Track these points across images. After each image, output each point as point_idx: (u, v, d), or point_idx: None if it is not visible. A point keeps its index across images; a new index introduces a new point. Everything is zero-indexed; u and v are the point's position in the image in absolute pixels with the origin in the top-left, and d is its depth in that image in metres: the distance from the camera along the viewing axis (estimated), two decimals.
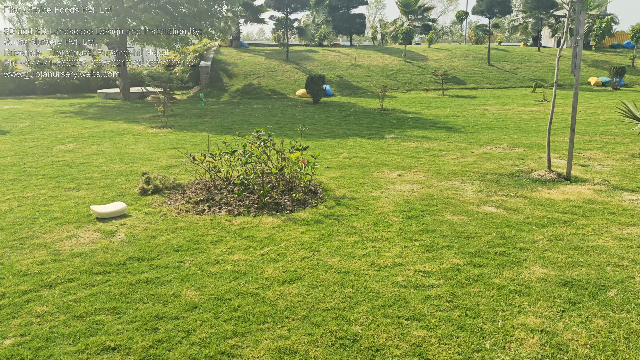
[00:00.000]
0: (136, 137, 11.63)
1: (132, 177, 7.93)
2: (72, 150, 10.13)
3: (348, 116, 15.51)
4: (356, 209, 6.37)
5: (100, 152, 9.87)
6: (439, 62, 28.04)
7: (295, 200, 6.67)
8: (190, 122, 14.29)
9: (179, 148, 10.32)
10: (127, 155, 9.56)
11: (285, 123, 14.09)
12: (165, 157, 9.47)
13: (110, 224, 5.82)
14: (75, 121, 14.41)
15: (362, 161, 9.13)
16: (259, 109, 17.66)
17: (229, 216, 6.10)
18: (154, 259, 4.83)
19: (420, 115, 15.71)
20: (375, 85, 24.22)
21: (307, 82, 18.73)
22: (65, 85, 23.57)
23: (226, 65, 24.99)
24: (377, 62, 27.32)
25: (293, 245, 5.16)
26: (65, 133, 12.25)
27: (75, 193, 7.06)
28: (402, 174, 8.22)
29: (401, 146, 10.57)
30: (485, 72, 27.02)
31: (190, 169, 8.15)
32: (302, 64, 25.96)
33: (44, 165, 8.71)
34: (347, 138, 11.60)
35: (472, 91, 23.77)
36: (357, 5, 32.39)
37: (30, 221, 5.87)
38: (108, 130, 12.60)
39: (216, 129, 12.93)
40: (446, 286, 4.25)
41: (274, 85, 23.18)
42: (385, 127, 13.34)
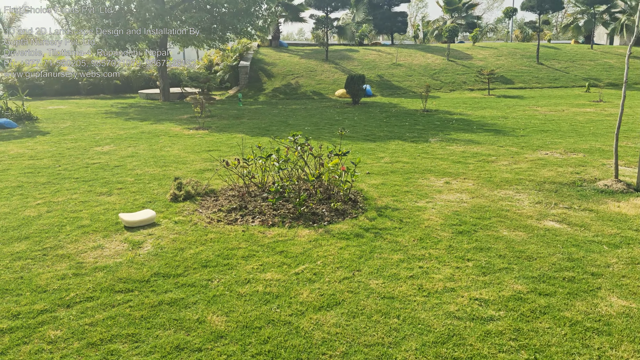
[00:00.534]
0: (172, 139, 11.42)
1: (164, 181, 7.63)
2: (108, 152, 9.97)
3: (389, 117, 14.91)
4: (400, 221, 5.83)
5: (136, 155, 9.67)
6: (485, 60, 26.98)
7: (333, 210, 6.18)
8: (227, 123, 14.03)
9: (214, 151, 10.02)
10: (162, 158, 9.31)
11: (324, 125, 13.63)
12: (200, 160, 9.17)
13: (138, 233, 5.49)
14: (114, 122, 14.39)
15: (405, 167, 8.55)
16: (297, 110, 17.27)
17: (262, 227, 5.67)
18: (180, 275, 4.44)
19: (465, 116, 14.94)
20: (417, 85, 23.46)
21: (347, 82, 18.22)
22: (108, 85, 23.89)
23: (265, 65, 24.76)
24: (419, 61, 26.52)
25: (331, 263, 4.68)
26: (104, 134, 12.18)
27: (106, 198, 6.80)
28: (449, 181, 7.61)
29: (447, 150, 9.93)
30: (534, 71, 25.80)
31: (224, 174, 7.78)
32: (341, 63, 25.46)
33: (78, 168, 8.55)
34: (389, 141, 11.03)
35: (520, 91, 22.68)
36: (399, 3, 31.62)
37: (57, 229, 5.61)
38: (145, 132, 12.46)
39: (252, 131, 12.60)
40: (508, 319, 3.67)
41: (312, 86, 22.77)
42: (429, 129, 12.68)
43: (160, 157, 9.46)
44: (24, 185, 7.45)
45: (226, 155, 9.56)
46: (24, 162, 9.00)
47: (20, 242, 5.22)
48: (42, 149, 10.29)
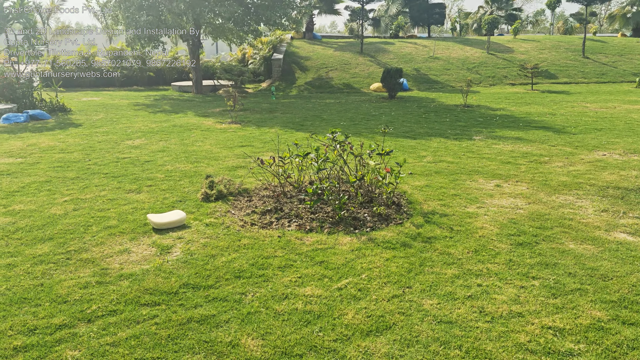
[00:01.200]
0: (204, 133, 11.09)
1: (195, 179, 7.27)
2: (139, 146, 9.70)
3: (428, 113, 14.26)
4: (450, 229, 5.29)
5: (167, 149, 9.36)
6: (527, 54, 25.86)
7: (376, 214, 5.68)
8: (260, 117, 13.64)
9: (247, 146, 9.63)
10: (193, 153, 8.97)
11: (360, 120, 13.09)
12: (233, 156, 8.79)
13: (167, 236, 5.12)
14: (146, 115, 14.19)
15: (450, 167, 7.97)
16: (332, 104, 16.77)
17: (299, 232, 5.22)
18: (212, 287, 4.04)
19: (509, 112, 14.17)
20: (455, 79, 22.62)
21: (383, 75, 17.60)
22: (142, 77, 23.87)
23: (298, 58, 24.31)
24: (457, 54, 25.62)
25: (377, 277, 4.20)
26: (135, 127, 11.95)
27: (135, 196, 6.47)
28: (500, 184, 7.01)
29: (494, 149, 9.28)
30: (579, 65, 24.58)
31: (257, 172, 7.37)
32: (376, 56, 24.79)
33: (108, 163, 8.28)
34: (430, 138, 10.43)
35: (566, 86, 21.60)
36: None
37: (82, 229, 5.29)
38: (177, 125, 12.18)
39: (286, 125, 12.17)
40: (591, 355, 3.12)
41: (347, 79, 22.21)
42: (472, 126, 12.00)
43: (192, 152, 9.12)
44: (53, 180, 7.19)
45: (259, 151, 9.15)
46: (54, 156, 8.79)
47: (43, 244, 4.91)
48: (73, 142, 10.09)
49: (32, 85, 14.20)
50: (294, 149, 8.08)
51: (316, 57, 24.35)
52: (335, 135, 6.41)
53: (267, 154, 8.91)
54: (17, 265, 4.44)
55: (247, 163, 8.19)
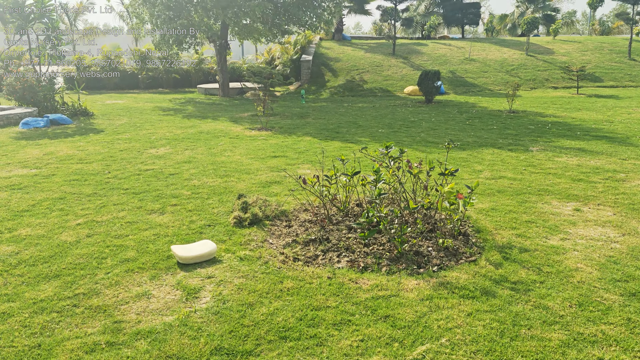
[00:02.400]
0: (233, 141, 10.27)
1: (226, 196, 6.42)
2: (163, 155, 8.92)
3: (472, 119, 13.20)
4: (538, 270, 4.32)
5: (193, 160, 8.55)
6: (568, 55, 24.49)
7: (442, 248, 4.74)
8: (291, 123, 12.78)
9: (280, 157, 8.76)
10: (222, 165, 8.13)
11: (399, 127, 12.12)
12: (266, 168, 7.92)
13: (194, 273, 4.27)
14: (171, 119, 13.48)
15: (513, 185, 6.96)
16: (365, 109, 15.83)
17: (352, 272, 4.31)
18: (251, 353, 3.16)
19: (561, 119, 13.01)
20: (493, 82, 21.44)
21: (420, 78, 16.58)
22: (167, 79, 23.30)
23: (328, 60, 23.43)
24: (494, 55, 24.40)
25: (462, 343, 3.26)
26: (160, 133, 11.21)
27: (158, 218, 5.64)
28: (579, 208, 5.98)
29: (557, 163, 8.22)
30: (626, 67, 23.12)
31: (296, 188, 6.49)
32: (409, 58, 23.75)
33: (129, 176, 7.50)
34: (481, 149, 9.41)
35: (612, 90, 20.22)
36: None
37: (95, 263, 4.47)
38: (204, 132, 11.40)
39: (321, 133, 11.27)
40: None
41: (379, 82, 21.23)
42: (523, 134, 10.92)
43: (220, 163, 8.29)
44: (67, 197, 6.43)
45: (294, 163, 8.27)
46: (71, 167, 8.06)
47: (48, 283, 4.10)
48: (93, 150, 9.38)
49: (54, 88, 13.62)
50: (339, 164, 7.19)
51: (346, 59, 23.43)
52: (389, 151, 5.48)
53: (304, 167, 8.04)
54: (13, 315, 3.63)
55: (282, 178, 7.32)
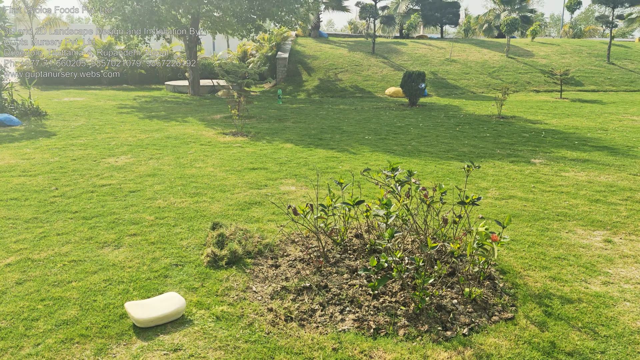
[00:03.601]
0: (205, 149, 9.17)
1: (197, 223, 5.37)
2: (124, 167, 7.76)
3: (461, 125, 12.41)
4: (592, 331, 3.45)
5: (158, 172, 7.43)
6: (547, 58, 24.13)
7: (469, 301, 3.82)
8: (269, 127, 11.73)
9: (259, 169, 7.72)
10: (193, 180, 7.05)
11: (386, 133, 11.22)
12: (243, 184, 6.88)
13: (156, 343, 3.23)
14: (135, 121, 12.24)
15: (527, 207, 6.12)
16: (347, 111, 14.89)
17: (361, 337, 3.35)
18: None
19: (554, 126, 12.36)
20: (476, 84, 20.82)
21: (404, 79, 15.74)
22: (132, 75, 21.86)
23: (305, 58, 22.39)
24: (474, 57, 23.82)
25: None
26: (121, 138, 10.01)
27: (112, 254, 4.56)
28: (609, 238, 5.16)
29: (566, 179, 7.45)
30: (605, 71, 22.87)
31: (283, 217, 5.50)
32: (389, 57, 22.93)
33: (80, 194, 6.35)
34: (480, 161, 8.58)
35: (594, 94, 19.86)
36: None
37: (22, 328, 3.38)
38: (171, 136, 10.25)
39: (302, 139, 10.26)
40: None
41: (359, 82, 20.33)
42: (519, 143, 10.17)
43: (190, 177, 7.20)
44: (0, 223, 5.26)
45: (276, 177, 7.25)
46: (12, 181, 6.85)
47: None
48: (40, 159, 8.14)
49: (1, 84, 12.18)
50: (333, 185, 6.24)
51: (324, 57, 22.44)
52: (396, 173, 4.54)
53: (287, 182, 7.03)
54: None
55: (263, 197, 6.30)
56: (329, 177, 7.34)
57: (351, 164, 8.14)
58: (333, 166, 7.99)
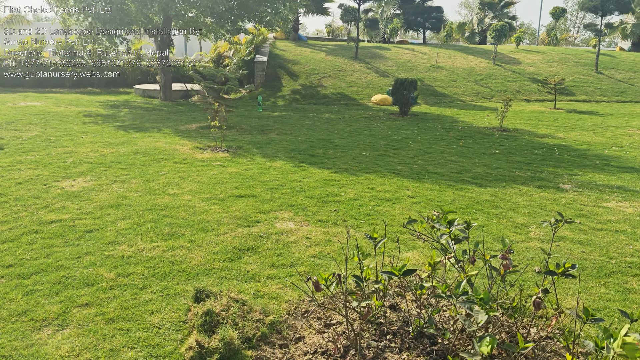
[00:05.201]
0: (179, 168, 7.77)
1: (173, 282, 4.02)
2: (80, 193, 6.31)
3: (464, 139, 11.32)
4: None
5: (123, 202, 6.02)
6: (535, 66, 23.44)
7: None
8: (252, 140, 10.37)
9: (247, 197, 6.38)
10: (166, 213, 5.67)
11: (384, 148, 10.02)
12: (230, 219, 5.53)
13: None
14: (99, 131, 10.72)
15: (587, 254, 4.97)
16: (335, 121, 13.65)
17: None
18: None
19: (562, 141, 11.39)
20: (464, 92, 19.89)
21: (395, 87, 14.61)
22: (98, 77, 20.12)
23: (285, 62, 21.07)
24: (460, 63, 22.94)
25: None
26: (81, 153, 8.52)
27: (51, 344, 3.18)
28: None
29: (610, 211, 6.36)
30: (594, 81, 22.29)
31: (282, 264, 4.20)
32: (373, 63, 21.82)
33: (19, 236, 4.90)
34: (502, 186, 7.44)
35: (588, 105, 19.16)
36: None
37: None
38: (140, 152, 8.79)
39: (292, 156, 8.95)
40: None
41: (342, 88, 19.12)
42: (536, 162, 9.11)
43: (163, 209, 5.81)
44: None
45: (268, 208, 5.92)
46: None
47: None
48: None
49: None
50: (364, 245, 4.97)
51: (305, 62, 21.16)
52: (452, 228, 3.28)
53: (284, 215, 5.72)
54: None
55: (257, 239, 4.98)
56: (332, 207, 6.07)
57: (355, 190, 6.89)
58: (334, 192, 6.72)
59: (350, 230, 5.36)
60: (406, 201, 6.49)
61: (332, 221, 5.63)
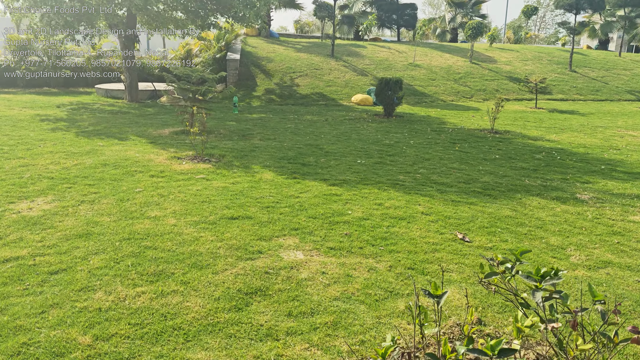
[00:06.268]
0: (158, 183, 6.81)
1: (169, 344, 3.16)
2: (40, 220, 5.30)
3: (458, 142, 10.70)
4: None
5: (94, 230, 5.05)
6: (510, 65, 23.24)
7: None
8: (233, 147, 9.45)
9: (241, 219, 5.51)
10: (149, 244, 4.74)
11: (378, 154, 9.28)
12: (227, 250, 4.66)
13: None
14: (59, 138, 9.58)
15: None
16: (318, 123, 12.84)
17: None
18: None
19: (558, 144, 10.93)
20: (444, 91, 19.41)
21: (380, 87, 13.92)
22: (55, 77, 18.67)
23: (258, 60, 20.10)
24: (437, 62, 22.49)
25: None
26: (39, 166, 7.43)
27: None
28: None
29: None
30: (569, 79, 22.23)
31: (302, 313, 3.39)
32: (350, 61, 21.09)
33: None
34: (516, 196, 6.80)
35: (566, 104, 19.01)
36: None
37: None
38: (110, 163, 7.76)
39: (282, 166, 8.09)
40: None
41: (321, 87, 18.31)
42: (541, 168, 8.55)
43: (144, 238, 4.88)
44: None
45: (269, 233, 5.07)
46: None
47: None
48: None
49: None
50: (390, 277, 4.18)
51: (279, 60, 20.24)
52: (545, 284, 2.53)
53: (288, 242, 4.89)
54: None
55: (263, 276, 4.13)
56: (341, 230, 5.27)
57: (362, 207, 6.11)
58: (339, 210, 5.92)
59: (369, 260, 4.58)
60: (421, 219, 5.75)
61: (346, 248, 4.83)
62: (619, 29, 29.72)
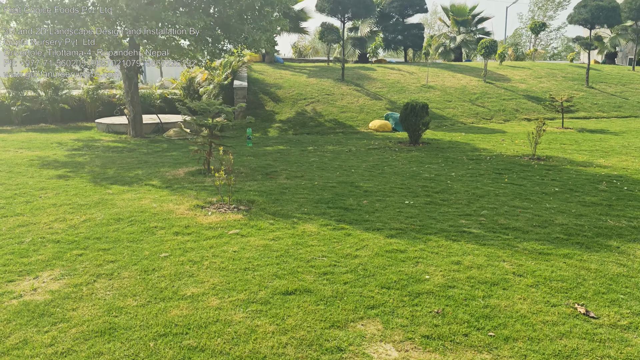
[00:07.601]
0: (184, 243, 5.69)
1: None
2: (48, 309, 4.18)
3: (504, 173, 9.67)
4: None
5: (118, 323, 3.93)
6: (525, 83, 22.43)
7: None
8: (260, 188, 8.36)
9: (300, 292, 4.40)
10: (192, 342, 3.63)
11: (424, 191, 8.21)
12: (296, 346, 3.55)
13: None
14: (62, 185, 8.49)
15: None
16: (342, 154, 11.82)
17: None
18: None
19: (613, 171, 9.92)
20: (462, 113, 18.49)
21: (404, 113, 12.96)
22: (53, 111, 17.64)
23: (267, 87, 19.17)
24: (451, 82, 21.64)
25: None
26: (42, 225, 6.31)
27: None
28: None
29: None
30: (589, 96, 21.41)
31: None
32: (361, 85, 20.19)
33: None
34: (612, 245, 5.74)
35: (592, 122, 18.11)
36: (413, 13, 26.65)
37: None
38: (124, 217, 6.65)
39: (322, 212, 7.00)
40: None
41: (335, 114, 17.35)
42: (612, 202, 7.51)
43: (184, 332, 3.76)
44: None
45: (339, 317, 3.97)
46: None
47: None
48: None
49: None
50: None
51: (289, 86, 19.32)
52: None
53: (369, 331, 3.81)
54: None
55: None
56: (429, 306, 4.17)
57: (439, 267, 5.02)
58: (413, 275, 4.82)
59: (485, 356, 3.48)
60: (518, 284, 4.66)
61: (447, 337, 3.73)
62: (627, 41, 29.15)
